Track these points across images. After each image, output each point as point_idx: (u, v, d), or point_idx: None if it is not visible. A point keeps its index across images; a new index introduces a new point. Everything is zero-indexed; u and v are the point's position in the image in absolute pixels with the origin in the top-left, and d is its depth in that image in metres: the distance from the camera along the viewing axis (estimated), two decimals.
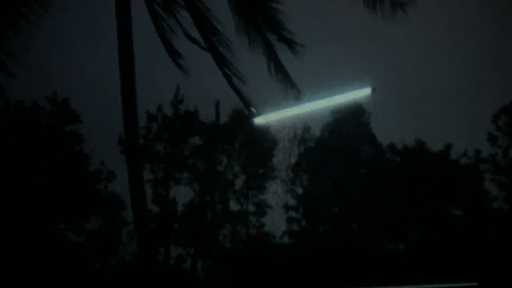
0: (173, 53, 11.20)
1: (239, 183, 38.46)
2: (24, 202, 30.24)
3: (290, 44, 11.00)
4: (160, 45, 11.21)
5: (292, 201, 38.35)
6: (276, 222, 37.87)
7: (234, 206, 38.07)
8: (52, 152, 32.28)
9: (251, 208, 38.29)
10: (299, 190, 38.74)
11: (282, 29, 10.95)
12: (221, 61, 11.00)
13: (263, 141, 37.67)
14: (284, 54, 11.23)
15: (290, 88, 11.24)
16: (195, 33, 10.98)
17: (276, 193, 38.58)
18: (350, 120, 37.97)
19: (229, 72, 11.05)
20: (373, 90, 10.85)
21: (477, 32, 50.71)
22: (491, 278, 29.51)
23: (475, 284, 23.76)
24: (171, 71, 11.39)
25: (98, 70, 43.59)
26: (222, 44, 10.95)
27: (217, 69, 11.22)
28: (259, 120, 11.84)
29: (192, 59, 11.49)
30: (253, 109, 12.02)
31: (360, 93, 11.19)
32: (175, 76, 11.77)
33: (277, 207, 38.13)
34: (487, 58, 47.95)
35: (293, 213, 38.16)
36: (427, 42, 52.04)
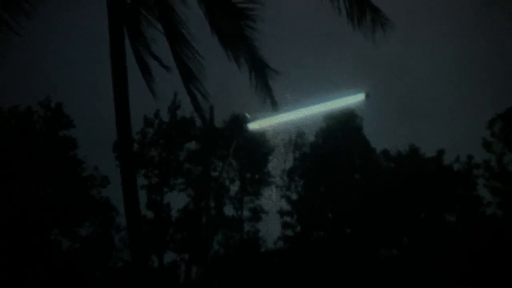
0: (146, 74, 11.13)
1: (234, 188, 38.49)
2: (17, 207, 30.14)
3: (264, 67, 10.98)
4: (156, 48, 11.19)
5: (287, 207, 38.37)
6: (271, 228, 37.89)
7: (229, 211, 38.11)
8: (45, 158, 32.17)
9: (246, 213, 38.32)
10: (294, 196, 38.74)
11: (255, 53, 10.88)
12: (188, 77, 10.93)
13: (258, 147, 37.68)
14: (281, 60, 11.23)
15: (268, 98, 11.15)
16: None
17: (271, 199, 38.62)
18: (344, 125, 38.00)
19: (193, 89, 11.00)
20: (367, 96, 10.87)
21: (473, 39, 51.02)
22: (484, 284, 29.54)
23: None
24: (169, 77, 11.37)
25: (92, 75, 43.62)
26: (191, 60, 10.88)
27: (212, 75, 11.18)
28: (254, 126, 11.83)
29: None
30: (248, 114, 12.02)
31: (354, 99, 11.20)
32: (172, 82, 11.75)
33: (272, 213, 38.17)
34: (483, 65, 48.21)
35: (287, 219, 38.15)
36: (422, 48, 52.34)
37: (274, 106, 11.12)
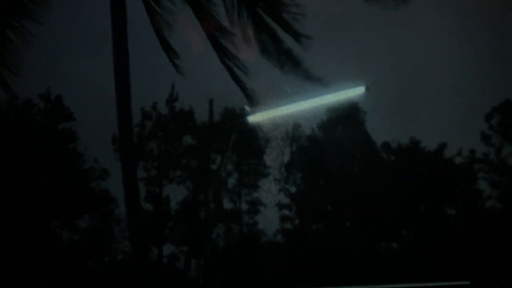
0: (169, 51, 11.12)
1: (232, 181, 38.51)
2: (17, 200, 30.13)
3: (296, 36, 10.96)
4: (156, 42, 11.17)
5: (285, 200, 38.42)
6: (269, 221, 37.92)
7: (227, 204, 38.13)
8: (45, 150, 32.14)
9: (244, 206, 38.35)
10: (293, 189, 38.77)
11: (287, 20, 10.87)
12: (224, 54, 10.95)
13: (256, 140, 37.65)
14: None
15: (309, 79, 11.15)
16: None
17: (269, 192, 38.61)
18: (344, 118, 37.96)
19: (232, 64, 11.01)
20: (367, 89, 10.82)
21: (472, 32, 50.84)
22: (484, 277, 29.60)
23: (468, 283, 23.82)
24: (167, 69, 11.35)
25: (92, 67, 43.48)
26: (225, 38, 10.93)
27: (211, 68, 11.19)
28: (252, 119, 11.80)
29: (187, 58, 11.44)
30: (247, 107, 11.96)
31: (354, 92, 11.17)
32: (170, 74, 11.72)
33: (270, 206, 38.20)
34: (481, 58, 48.05)
35: (286, 212, 38.21)
36: (422, 41, 52.15)
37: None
